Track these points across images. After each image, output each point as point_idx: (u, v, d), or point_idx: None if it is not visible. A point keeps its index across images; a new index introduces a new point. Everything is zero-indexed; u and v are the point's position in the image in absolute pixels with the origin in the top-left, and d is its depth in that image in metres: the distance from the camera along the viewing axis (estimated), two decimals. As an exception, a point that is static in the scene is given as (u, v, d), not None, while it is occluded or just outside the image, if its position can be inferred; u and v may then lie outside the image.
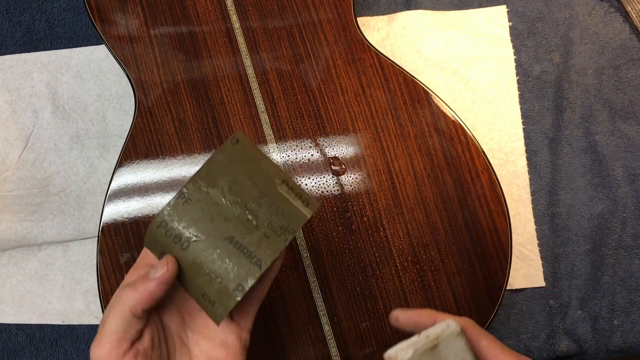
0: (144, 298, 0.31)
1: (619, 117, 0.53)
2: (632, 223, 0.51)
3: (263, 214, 0.33)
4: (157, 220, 0.32)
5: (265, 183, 0.33)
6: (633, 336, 0.50)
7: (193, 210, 0.32)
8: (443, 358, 0.31)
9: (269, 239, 0.32)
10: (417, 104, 0.46)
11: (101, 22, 0.48)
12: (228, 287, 0.32)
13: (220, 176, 0.32)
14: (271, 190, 0.33)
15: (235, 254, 0.32)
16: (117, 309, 0.31)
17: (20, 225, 0.53)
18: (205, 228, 0.32)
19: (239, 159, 0.32)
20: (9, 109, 0.56)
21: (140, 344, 0.32)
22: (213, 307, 0.33)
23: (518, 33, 0.55)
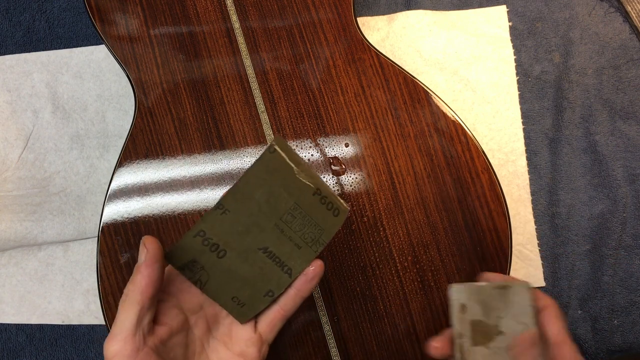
0: (143, 286, 0.31)
1: (619, 117, 0.53)
2: (632, 223, 0.51)
3: (297, 225, 0.34)
4: (196, 228, 0.33)
5: (300, 193, 0.34)
6: (633, 336, 0.50)
7: (230, 221, 0.33)
8: (508, 301, 0.34)
9: (300, 249, 0.34)
10: (417, 104, 0.46)
11: (101, 22, 0.48)
12: (259, 292, 0.35)
13: (257, 188, 0.33)
14: (305, 201, 0.34)
15: (269, 263, 0.34)
16: (125, 304, 0.32)
17: (20, 225, 0.53)
18: (242, 238, 0.34)
19: (276, 168, 0.33)
20: (9, 109, 0.56)
21: (153, 338, 0.32)
22: (242, 308, 0.35)
23: (518, 33, 0.55)
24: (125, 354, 0.30)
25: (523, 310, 0.34)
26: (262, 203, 0.33)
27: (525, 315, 0.34)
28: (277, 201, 0.33)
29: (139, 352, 0.31)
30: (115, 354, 0.30)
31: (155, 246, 0.33)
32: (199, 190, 0.46)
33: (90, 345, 0.53)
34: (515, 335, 0.34)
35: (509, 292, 0.35)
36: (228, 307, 0.35)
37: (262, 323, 0.36)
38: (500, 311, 0.35)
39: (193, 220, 0.46)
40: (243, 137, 0.46)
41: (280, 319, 0.36)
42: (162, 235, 0.45)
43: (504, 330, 0.34)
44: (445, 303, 0.44)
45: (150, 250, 0.32)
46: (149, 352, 0.31)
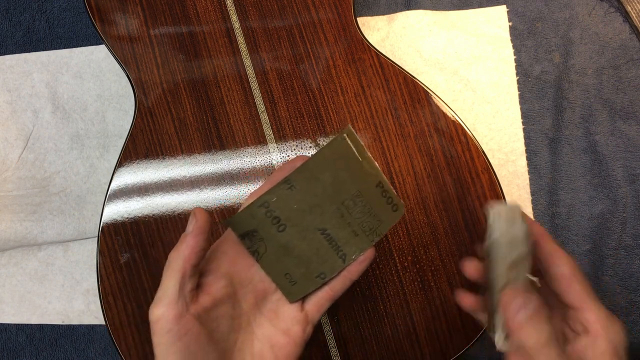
0: (187, 254, 0.32)
1: (619, 117, 0.53)
2: (632, 223, 0.51)
3: (357, 212, 0.34)
4: (261, 199, 0.34)
5: (363, 182, 0.34)
6: (633, 336, 0.50)
7: (295, 198, 0.34)
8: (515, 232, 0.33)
9: (357, 237, 0.35)
10: (417, 104, 0.46)
11: (101, 22, 0.48)
12: (312, 272, 0.35)
13: (325, 170, 0.34)
14: (368, 191, 0.34)
15: (325, 245, 0.34)
16: (169, 272, 0.32)
17: (20, 225, 0.53)
18: (303, 216, 0.34)
19: (345, 155, 0.34)
20: (9, 109, 0.56)
21: (196, 306, 0.32)
22: (293, 286, 0.35)
23: (518, 33, 0.55)
24: (169, 319, 0.31)
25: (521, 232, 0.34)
26: (327, 185, 0.34)
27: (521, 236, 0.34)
28: (341, 186, 0.34)
29: (182, 318, 0.31)
30: (159, 318, 0.31)
31: (205, 218, 0.33)
32: (199, 190, 0.46)
33: (90, 345, 0.53)
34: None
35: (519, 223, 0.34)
36: (280, 283, 0.35)
37: (310, 303, 0.36)
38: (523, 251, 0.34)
39: (193, 220, 0.46)
40: (243, 137, 0.46)
41: (328, 299, 0.36)
42: (162, 235, 0.45)
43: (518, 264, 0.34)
44: (445, 304, 0.44)
45: (199, 220, 0.33)
46: (191, 319, 0.31)
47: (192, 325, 0.31)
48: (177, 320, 0.31)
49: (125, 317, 0.45)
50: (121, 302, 0.45)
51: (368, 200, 0.34)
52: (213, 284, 0.34)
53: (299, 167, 0.34)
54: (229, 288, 0.34)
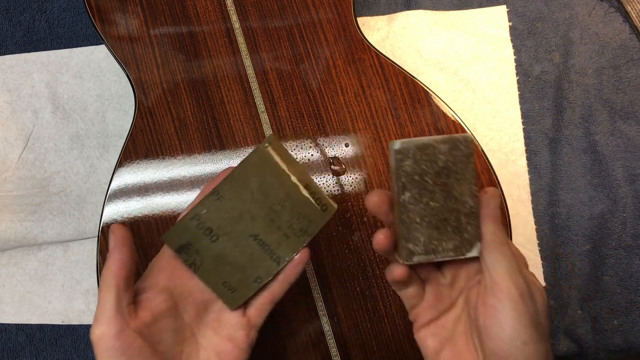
0: (116, 269, 0.33)
1: (619, 117, 0.53)
2: (632, 223, 0.51)
3: (286, 215, 0.36)
4: (192, 212, 0.35)
5: (290, 186, 0.36)
6: (633, 336, 0.50)
7: (225, 207, 0.35)
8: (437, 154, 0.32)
9: (288, 239, 0.36)
10: (417, 104, 0.46)
11: (101, 22, 0.48)
12: (248, 278, 0.36)
13: (251, 177, 0.35)
14: (295, 194, 0.36)
15: (258, 250, 0.36)
16: (102, 289, 0.33)
17: (20, 225, 0.53)
18: (234, 224, 0.35)
19: (270, 161, 0.35)
20: (9, 109, 0.56)
21: (136, 321, 0.33)
22: (232, 294, 0.36)
23: (518, 33, 0.55)
24: (110, 335, 0.31)
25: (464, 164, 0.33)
26: (254, 192, 0.35)
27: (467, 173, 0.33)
28: (268, 191, 0.35)
29: (122, 334, 0.31)
30: (100, 337, 0.31)
31: (122, 231, 0.34)
32: (199, 190, 0.46)
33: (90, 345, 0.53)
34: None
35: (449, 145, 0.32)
36: (219, 292, 0.36)
37: (251, 308, 0.37)
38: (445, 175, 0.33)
39: (193, 220, 0.46)
40: (243, 137, 0.46)
41: (268, 303, 0.37)
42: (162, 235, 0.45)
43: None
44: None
45: (117, 235, 0.34)
46: (132, 334, 0.32)
47: (133, 339, 0.32)
48: (118, 336, 0.31)
49: (125, 317, 0.45)
50: (121, 302, 0.45)
51: (296, 203, 0.36)
52: (152, 299, 0.34)
53: (227, 176, 0.35)
54: (169, 302, 0.35)
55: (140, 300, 0.34)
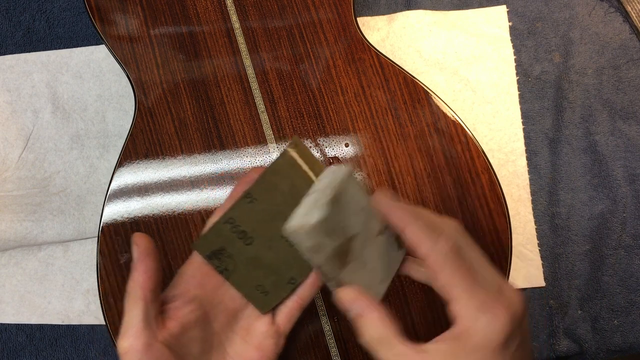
0: (142, 280, 0.32)
1: (619, 117, 0.53)
2: (632, 223, 0.51)
3: None
4: (225, 216, 0.35)
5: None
6: (633, 336, 0.50)
7: (257, 210, 0.35)
8: (345, 205, 0.31)
9: None
10: (417, 104, 0.46)
11: (101, 22, 0.48)
12: (283, 279, 0.36)
13: (281, 179, 0.35)
14: None
15: (291, 251, 0.35)
16: (129, 302, 0.32)
17: (20, 225, 0.53)
18: (267, 226, 0.35)
19: (296, 164, 0.35)
20: (9, 109, 0.56)
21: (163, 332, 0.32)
22: (265, 297, 0.36)
23: (518, 33, 0.55)
24: (138, 349, 0.30)
25: (357, 197, 0.32)
26: (285, 193, 0.34)
27: (359, 201, 0.32)
28: (298, 192, 0.34)
29: (151, 347, 0.31)
30: (128, 350, 0.31)
31: (145, 241, 0.33)
32: (199, 190, 0.46)
33: (90, 345, 0.53)
34: (362, 227, 0.32)
35: (342, 194, 0.31)
36: (251, 297, 0.36)
37: (280, 314, 0.37)
38: (341, 221, 0.31)
39: (193, 220, 0.46)
40: (243, 137, 0.46)
41: (297, 309, 0.37)
42: (162, 235, 0.45)
43: (355, 232, 0.32)
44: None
45: (140, 245, 0.33)
46: (161, 347, 0.31)
47: (161, 353, 0.31)
48: (146, 350, 0.30)
49: (125, 317, 0.45)
50: (121, 302, 0.45)
51: None
52: (180, 309, 0.34)
53: (257, 179, 0.34)
54: (198, 311, 0.34)
55: (168, 309, 0.33)
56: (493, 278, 0.29)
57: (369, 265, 0.33)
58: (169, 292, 0.35)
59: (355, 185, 0.32)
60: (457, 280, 0.28)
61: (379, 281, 0.33)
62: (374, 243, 0.33)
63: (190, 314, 0.34)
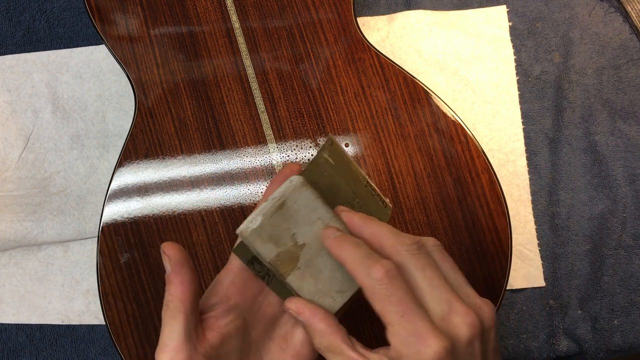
0: (181, 292, 0.31)
1: (619, 117, 0.53)
2: (632, 223, 0.51)
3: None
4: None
5: (355, 183, 0.35)
6: (633, 336, 0.50)
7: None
8: (294, 213, 0.31)
9: None
10: (417, 104, 0.46)
11: (101, 22, 0.48)
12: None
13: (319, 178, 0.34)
14: (360, 192, 0.35)
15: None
16: (168, 314, 0.31)
17: (20, 225, 0.53)
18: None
19: (335, 159, 0.34)
20: (9, 109, 0.56)
21: (204, 345, 0.31)
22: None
23: (518, 33, 0.55)
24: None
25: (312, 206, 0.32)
26: (325, 191, 0.34)
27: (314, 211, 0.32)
28: (337, 190, 0.34)
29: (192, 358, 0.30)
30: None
31: (176, 250, 0.32)
32: (199, 190, 0.46)
33: (90, 345, 0.53)
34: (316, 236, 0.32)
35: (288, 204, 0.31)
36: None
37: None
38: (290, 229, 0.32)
39: (193, 220, 0.46)
40: (243, 137, 0.46)
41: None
42: (162, 235, 0.45)
43: (304, 242, 0.32)
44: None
45: (172, 256, 0.32)
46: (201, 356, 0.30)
47: None
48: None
49: (125, 317, 0.45)
50: (121, 302, 0.45)
51: (363, 201, 0.35)
52: (220, 319, 0.32)
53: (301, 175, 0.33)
54: (238, 320, 0.33)
55: (207, 319, 0.32)
56: (443, 299, 0.29)
57: (324, 274, 0.32)
58: (208, 300, 0.33)
59: (309, 196, 0.32)
60: (388, 308, 0.28)
61: (336, 291, 0.33)
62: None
63: (230, 324, 0.33)
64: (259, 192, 0.46)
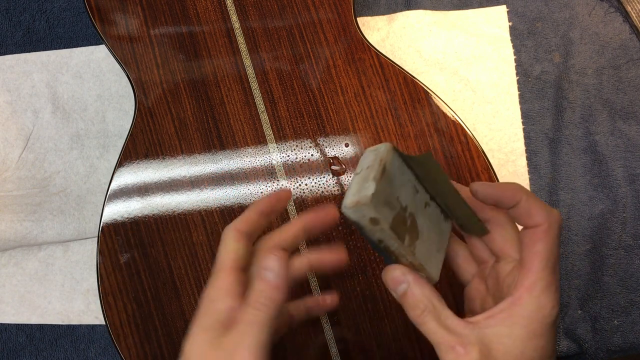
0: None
1: (619, 117, 0.53)
2: (632, 223, 0.51)
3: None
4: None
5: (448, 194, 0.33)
6: (633, 336, 0.50)
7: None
8: (393, 177, 0.31)
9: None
10: (417, 104, 0.46)
11: (101, 22, 0.48)
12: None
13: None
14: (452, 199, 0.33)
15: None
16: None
17: (20, 225, 0.53)
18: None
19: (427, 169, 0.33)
20: (9, 109, 0.56)
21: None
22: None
23: (518, 33, 0.55)
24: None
25: (401, 169, 0.31)
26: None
27: (404, 174, 0.31)
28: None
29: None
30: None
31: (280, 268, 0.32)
32: (199, 190, 0.46)
33: (90, 345, 0.53)
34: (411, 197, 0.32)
35: (387, 168, 0.31)
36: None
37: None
38: (394, 192, 0.31)
39: (193, 220, 0.46)
40: (243, 137, 0.46)
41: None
42: (162, 235, 0.45)
43: (406, 203, 0.32)
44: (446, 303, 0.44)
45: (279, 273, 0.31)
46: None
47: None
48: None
49: (125, 317, 0.45)
50: (121, 302, 0.45)
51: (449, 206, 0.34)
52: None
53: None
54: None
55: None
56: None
57: (424, 235, 0.32)
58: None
59: (398, 159, 0.32)
60: (546, 254, 0.30)
61: (435, 250, 0.33)
62: (425, 214, 0.33)
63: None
64: (259, 192, 0.46)
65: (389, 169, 0.31)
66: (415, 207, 0.32)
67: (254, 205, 0.35)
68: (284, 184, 0.46)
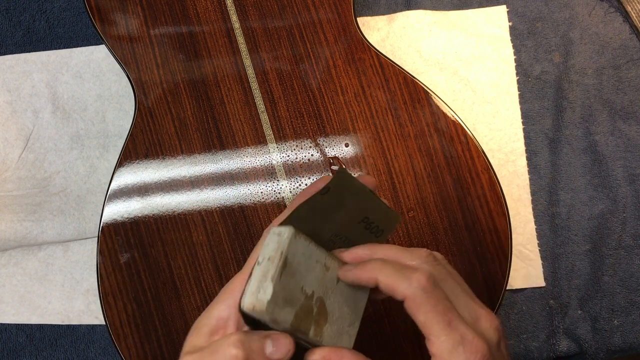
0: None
1: (619, 117, 0.53)
2: (632, 223, 0.51)
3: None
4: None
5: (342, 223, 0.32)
6: (633, 336, 0.50)
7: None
8: (297, 266, 0.29)
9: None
10: (417, 103, 0.46)
11: (101, 22, 0.48)
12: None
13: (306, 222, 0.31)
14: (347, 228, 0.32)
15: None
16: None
17: (20, 225, 0.53)
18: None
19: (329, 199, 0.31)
20: (9, 109, 0.56)
21: None
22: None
23: (518, 33, 0.55)
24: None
25: (309, 253, 0.30)
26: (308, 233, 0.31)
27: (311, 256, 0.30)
28: (320, 231, 0.32)
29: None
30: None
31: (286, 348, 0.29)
32: (199, 190, 0.46)
33: (90, 345, 0.53)
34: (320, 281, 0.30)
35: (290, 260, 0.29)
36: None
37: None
38: (298, 283, 0.29)
39: (193, 220, 0.46)
40: (243, 137, 0.46)
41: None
42: (162, 235, 0.45)
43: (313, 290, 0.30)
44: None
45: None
46: None
47: None
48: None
49: (125, 317, 0.45)
50: (121, 302, 0.45)
51: (347, 235, 0.32)
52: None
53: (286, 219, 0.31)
54: None
55: None
56: (469, 306, 0.29)
57: (335, 314, 0.31)
58: None
59: (303, 242, 0.30)
60: (434, 317, 0.27)
61: (347, 325, 0.31)
62: (336, 291, 0.31)
63: None
64: (259, 192, 0.46)
65: (291, 260, 0.29)
66: (325, 288, 0.30)
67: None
68: (284, 184, 0.46)
